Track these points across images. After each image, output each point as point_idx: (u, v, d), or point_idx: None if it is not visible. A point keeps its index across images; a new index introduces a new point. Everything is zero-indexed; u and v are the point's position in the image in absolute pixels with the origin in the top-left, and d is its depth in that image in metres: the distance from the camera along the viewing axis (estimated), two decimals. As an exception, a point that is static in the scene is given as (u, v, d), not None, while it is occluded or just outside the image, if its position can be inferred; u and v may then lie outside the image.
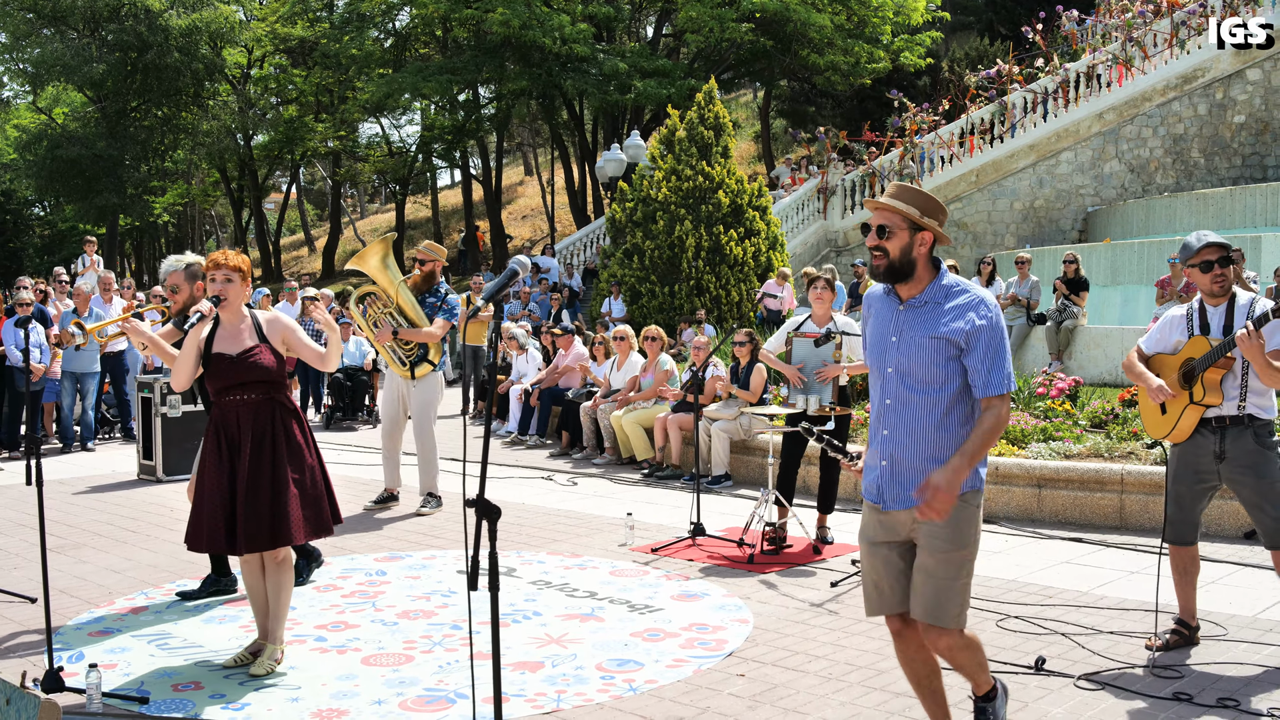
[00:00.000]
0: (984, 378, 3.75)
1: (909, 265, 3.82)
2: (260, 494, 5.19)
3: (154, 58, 33.39)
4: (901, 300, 3.88)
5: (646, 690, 4.99)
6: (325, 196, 62.08)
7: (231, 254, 5.47)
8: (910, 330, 3.83)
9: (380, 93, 33.63)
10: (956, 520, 3.77)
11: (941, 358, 3.78)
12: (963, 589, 3.81)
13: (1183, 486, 5.38)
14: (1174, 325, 5.45)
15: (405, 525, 8.82)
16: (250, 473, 5.20)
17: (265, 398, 5.31)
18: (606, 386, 12.27)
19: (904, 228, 3.80)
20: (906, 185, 3.87)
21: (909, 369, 3.81)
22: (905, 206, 3.81)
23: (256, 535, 5.18)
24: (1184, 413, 5.31)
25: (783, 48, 31.21)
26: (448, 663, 5.39)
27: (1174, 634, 5.43)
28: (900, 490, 3.84)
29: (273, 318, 5.47)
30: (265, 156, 42.70)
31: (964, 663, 3.96)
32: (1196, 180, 23.41)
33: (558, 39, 28.73)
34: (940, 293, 3.83)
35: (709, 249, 18.56)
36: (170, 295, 6.61)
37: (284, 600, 5.41)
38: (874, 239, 3.83)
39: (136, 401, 11.74)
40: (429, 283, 9.24)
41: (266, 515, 5.19)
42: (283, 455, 5.26)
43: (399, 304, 8.97)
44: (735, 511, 9.14)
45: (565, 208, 45.25)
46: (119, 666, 5.40)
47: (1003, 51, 30.61)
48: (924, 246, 3.81)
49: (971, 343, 3.75)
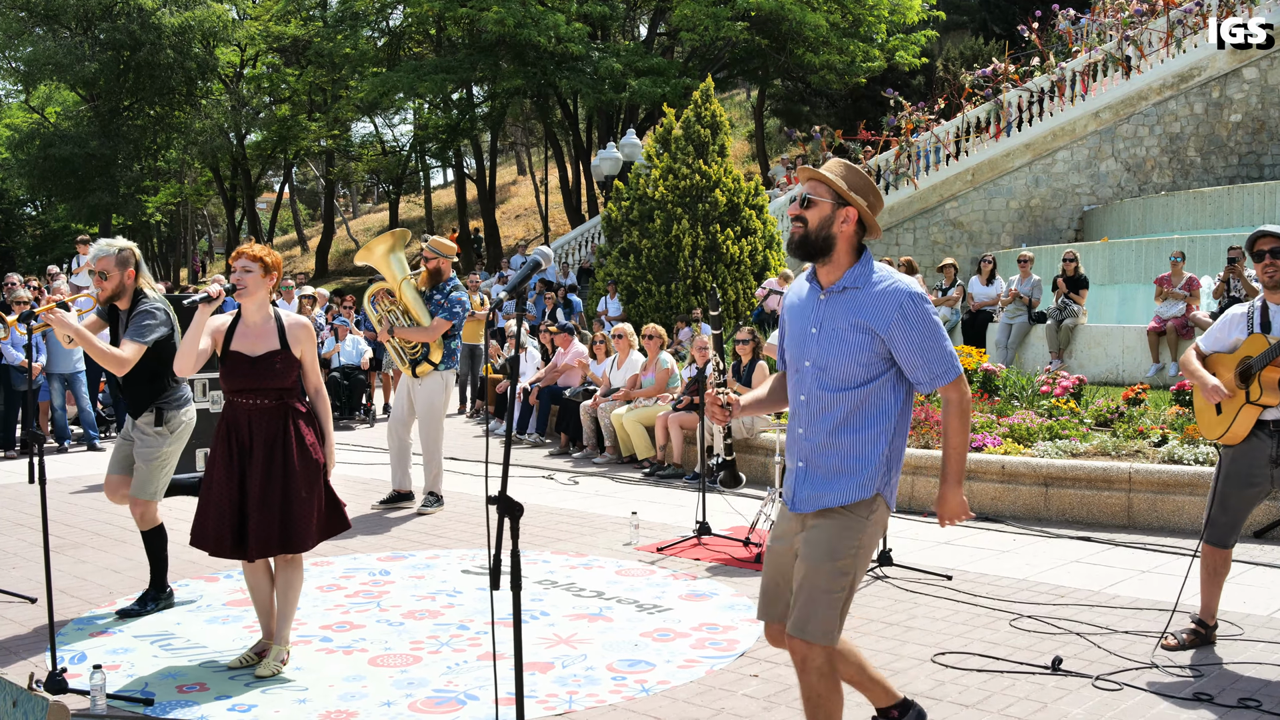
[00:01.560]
0: (926, 370, 3.53)
1: (826, 242, 3.57)
2: (271, 501, 5.10)
3: (147, 56, 33.26)
4: (822, 288, 3.64)
5: (659, 691, 4.92)
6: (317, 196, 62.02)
7: (257, 246, 5.39)
8: (831, 320, 3.58)
9: (375, 91, 33.55)
10: (834, 528, 3.54)
11: (864, 352, 3.53)
12: (835, 603, 3.51)
13: (1231, 489, 5.25)
14: (1234, 323, 5.28)
15: (407, 525, 8.73)
16: (261, 479, 5.11)
17: (278, 403, 5.22)
18: (606, 385, 12.20)
19: (827, 199, 3.57)
20: (847, 162, 3.66)
21: (827, 363, 3.57)
22: (832, 177, 3.58)
23: (268, 542, 5.11)
24: (1240, 413, 5.16)
25: (778, 46, 31.18)
26: (456, 663, 5.32)
27: (1191, 633, 5.36)
28: (813, 492, 3.60)
29: (298, 324, 5.35)
30: (258, 155, 42.58)
31: (818, 692, 3.60)
32: (1193, 179, 23.40)
33: (553, 38, 28.68)
34: (861, 278, 3.57)
35: (705, 248, 18.51)
36: (99, 281, 6.05)
37: (292, 600, 5.33)
38: (795, 208, 3.62)
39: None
40: (435, 280, 9.16)
41: (278, 522, 5.11)
42: (294, 461, 5.15)
43: (403, 301, 8.91)
44: (739, 510, 9.06)
45: (558, 207, 45.20)
46: (122, 667, 5.32)
47: (998, 50, 30.61)
48: (847, 224, 3.57)
49: (897, 337, 3.51)
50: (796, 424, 3.68)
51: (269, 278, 5.30)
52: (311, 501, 5.17)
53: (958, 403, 3.60)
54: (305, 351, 5.32)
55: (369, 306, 9.11)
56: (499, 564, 3.12)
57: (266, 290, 5.33)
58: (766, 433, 10.32)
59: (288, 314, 5.38)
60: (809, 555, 3.55)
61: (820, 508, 3.58)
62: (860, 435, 3.56)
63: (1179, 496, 8.00)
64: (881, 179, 24.59)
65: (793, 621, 3.55)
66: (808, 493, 3.62)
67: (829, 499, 3.57)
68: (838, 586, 3.52)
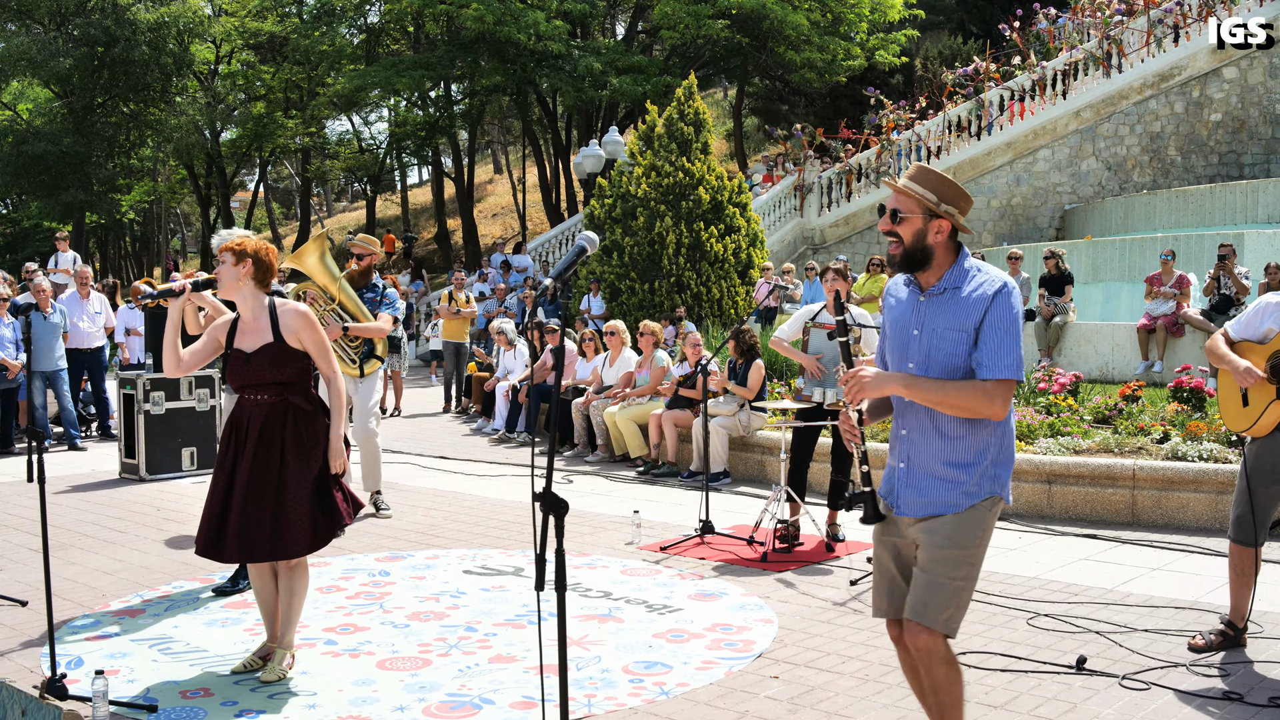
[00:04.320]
0: (989, 356, 3.44)
1: (924, 253, 3.54)
2: (263, 501, 4.89)
3: (121, 52, 32.77)
4: (922, 290, 3.60)
5: (679, 693, 4.80)
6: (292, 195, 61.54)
7: (239, 234, 5.15)
8: (932, 321, 3.55)
9: (352, 86, 33.24)
10: (961, 521, 3.50)
11: (964, 350, 3.49)
12: (956, 591, 3.48)
13: (1259, 485, 5.16)
14: (1267, 312, 5.18)
15: (395, 525, 8.58)
16: (250, 478, 4.91)
17: (278, 399, 5.00)
18: (599, 383, 12.07)
19: (917, 213, 3.52)
20: (926, 167, 3.59)
21: (930, 365, 3.53)
22: (921, 190, 3.51)
23: (253, 546, 4.90)
24: (1269, 407, 5.07)
25: (758, 45, 31.10)
26: (468, 666, 5.18)
27: (1220, 634, 5.26)
28: (915, 495, 3.57)
29: (294, 312, 5.05)
30: (233, 153, 42.16)
31: (940, 682, 3.57)
32: (1173, 178, 23.49)
33: (532, 35, 28.47)
34: (960, 277, 3.54)
35: (689, 245, 18.38)
36: None
37: (296, 605, 5.16)
38: (886, 223, 3.56)
39: (117, 399, 11.45)
40: (365, 278, 8.95)
41: (268, 525, 4.88)
42: (290, 462, 4.94)
43: (340, 300, 8.66)
44: (737, 509, 8.97)
45: (535, 206, 45.00)
46: (121, 673, 5.15)
47: (976, 49, 30.64)
48: (941, 234, 3.52)
49: (984, 322, 3.46)
50: (901, 425, 3.66)
51: (243, 266, 4.99)
52: (303, 506, 4.93)
53: (986, 392, 3.42)
54: (305, 339, 5.04)
55: None
56: (543, 564, 2.98)
57: (244, 281, 5.02)
58: (763, 430, 10.22)
59: (285, 304, 5.11)
60: (930, 543, 3.52)
61: (930, 514, 3.54)
62: (965, 439, 3.53)
63: (1183, 494, 7.95)
64: (863, 178, 24.59)
65: (911, 606, 3.53)
66: (913, 497, 3.58)
67: (939, 506, 3.53)
68: (960, 575, 3.50)
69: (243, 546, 4.90)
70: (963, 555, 3.50)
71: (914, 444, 3.60)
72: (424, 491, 9.92)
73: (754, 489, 9.87)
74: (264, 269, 5.06)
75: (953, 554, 3.49)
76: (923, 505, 3.55)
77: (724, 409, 10.19)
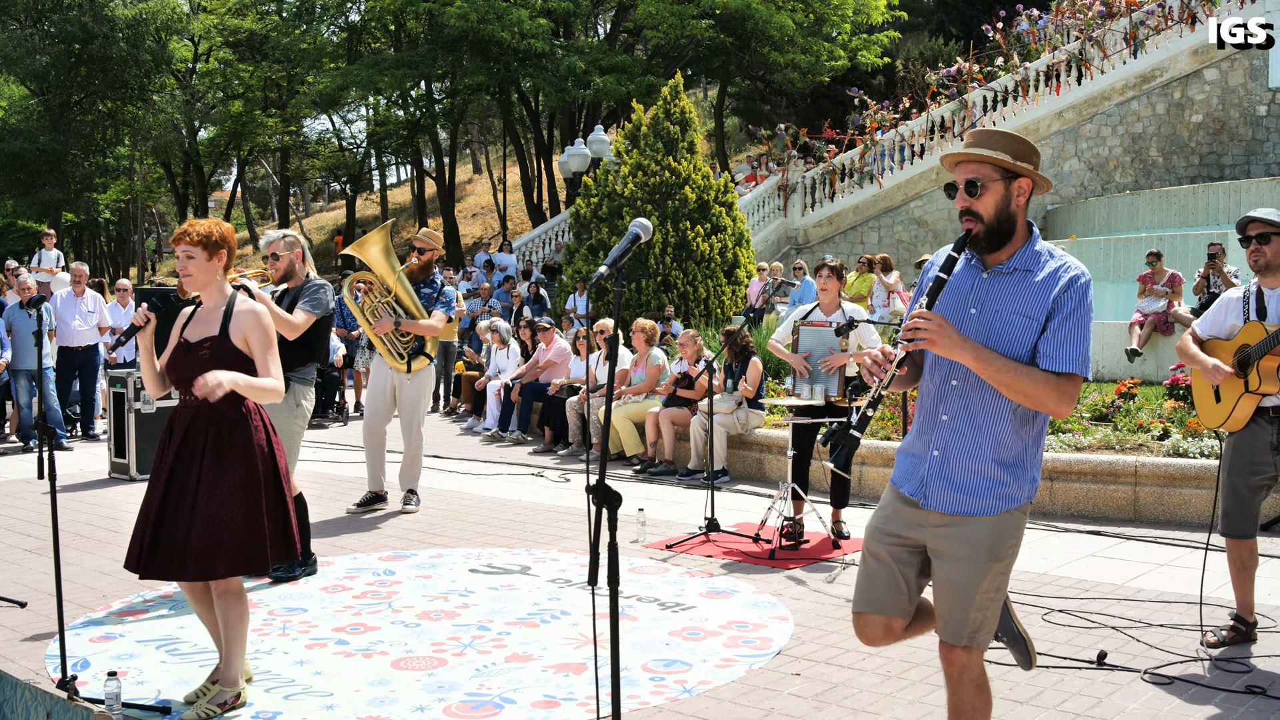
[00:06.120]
0: (1055, 347, 3.17)
1: (1009, 223, 3.24)
2: (179, 517, 4.43)
3: (99, 49, 32.48)
4: (985, 266, 3.32)
5: (702, 691, 4.76)
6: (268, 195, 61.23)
7: (202, 223, 4.63)
8: (995, 302, 3.25)
9: (334, 85, 33.06)
10: (996, 529, 3.28)
11: (1030, 338, 3.21)
12: (988, 604, 3.30)
13: (1238, 478, 5.20)
14: (1229, 309, 5.26)
15: (398, 523, 8.51)
16: (169, 490, 4.49)
17: (205, 402, 4.46)
18: (593, 381, 12.03)
19: (997, 178, 3.22)
20: (987, 129, 3.31)
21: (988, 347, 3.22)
22: (994, 153, 3.21)
23: (167, 564, 4.44)
24: (1240, 401, 5.13)
25: (742, 45, 31.12)
26: (484, 665, 5.12)
27: (1231, 630, 5.26)
28: (949, 490, 3.30)
29: (248, 310, 4.60)
30: (211, 152, 41.89)
31: (965, 706, 3.43)
32: (1155, 179, 23.61)
33: (516, 33, 28.40)
34: (1032, 259, 3.26)
35: (675, 245, 18.35)
36: (271, 263, 6.91)
37: (235, 638, 4.59)
38: (963, 200, 3.24)
39: (106, 399, 11.32)
40: (425, 273, 8.92)
41: (181, 543, 4.40)
42: (206, 475, 4.43)
43: (397, 294, 8.62)
44: (738, 506, 8.94)
45: (516, 205, 44.89)
46: (130, 674, 5.06)
47: (957, 50, 30.75)
48: (1022, 197, 3.24)
49: (1054, 309, 3.20)
50: (940, 410, 3.35)
51: (217, 258, 4.60)
52: (213, 525, 4.39)
53: (1059, 387, 3.18)
54: (251, 339, 4.57)
55: (349, 298, 8.74)
56: (597, 557, 2.93)
57: (215, 274, 4.62)
58: (761, 429, 10.19)
59: (245, 300, 4.67)
60: (968, 555, 3.29)
61: (963, 513, 3.31)
62: (1010, 435, 3.29)
63: (1185, 490, 7.97)
64: (846, 178, 24.62)
65: (950, 629, 3.34)
66: (946, 492, 3.32)
67: (976, 506, 3.30)
68: (995, 587, 3.32)
69: (159, 564, 4.49)
70: (999, 567, 3.30)
71: (956, 433, 3.32)
72: (421, 490, 9.82)
73: (753, 487, 9.83)
74: (232, 257, 4.72)
75: (990, 567, 3.28)
76: (956, 502, 3.30)
77: (722, 407, 10.15)
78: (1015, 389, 3.18)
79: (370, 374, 9.22)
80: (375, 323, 8.54)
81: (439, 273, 9.08)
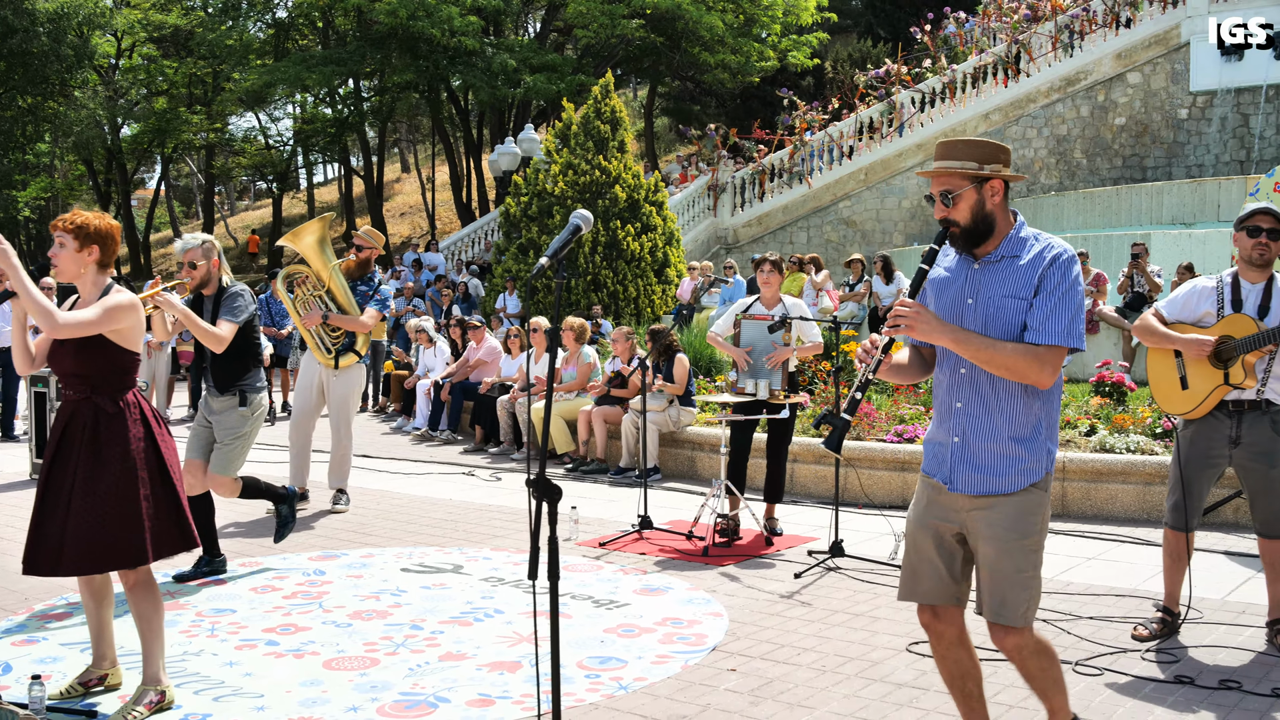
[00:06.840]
0: (1039, 321, 3.37)
1: (985, 223, 3.46)
2: (55, 512, 4.40)
3: (19, 44, 31.61)
4: (976, 258, 3.53)
5: (638, 688, 4.74)
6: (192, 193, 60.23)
7: (84, 214, 4.55)
8: (988, 290, 3.47)
9: (260, 82, 32.57)
10: (1020, 508, 3.46)
11: (1022, 318, 3.43)
12: (1028, 582, 3.47)
13: (1192, 470, 5.20)
14: (1202, 295, 5.19)
15: (328, 523, 8.39)
16: (47, 486, 4.44)
17: (83, 397, 4.45)
18: (524, 379, 11.95)
19: (968, 185, 3.44)
20: (951, 139, 3.53)
21: (988, 333, 3.44)
22: (960, 164, 3.45)
23: (44, 559, 4.41)
24: (1214, 392, 5.08)
25: (672, 45, 31.18)
26: (417, 665, 5.06)
27: (1160, 622, 5.33)
28: (972, 471, 3.50)
29: (117, 304, 4.45)
30: (134, 149, 41.10)
31: (1035, 671, 3.61)
32: (1079, 180, 24.01)
33: (446, 31, 28.20)
34: (1018, 245, 3.48)
35: (606, 244, 18.34)
36: (188, 271, 6.61)
37: (152, 631, 4.56)
38: (940, 210, 3.49)
39: (27, 398, 11.04)
40: (363, 270, 8.82)
41: (57, 537, 4.36)
42: (82, 470, 4.39)
43: (330, 288, 8.50)
44: (671, 504, 8.93)
45: (445, 205, 44.61)
46: (54, 678, 4.93)
47: (886, 52, 31.07)
48: (997, 196, 3.46)
49: (1039, 286, 3.40)
50: (954, 398, 3.56)
51: (88, 251, 4.50)
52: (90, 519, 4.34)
53: (1037, 356, 3.36)
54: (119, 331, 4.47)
55: (282, 291, 8.61)
56: (538, 552, 2.89)
57: (83, 266, 4.52)
58: (693, 426, 10.20)
59: (120, 293, 4.52)
60: (997, 536, 3.47)
61: (988, 492, 3.48)
62: (1021, 412, 3.46)
63: (1112, 485, 8.10)
64: (775, 178, 24.75)
65: (989, 608, 3.51)
66: (970, 474, 3.51)
67: (999, 484, 3.47)
68: (1029, 564, 3.48)
69: (38, 559, 4.43)
70: (1028, 545, 3.48)
71: (971, 417, 3.52)
72: (350, 489, 9.69)
73: (685, 484, 9.83)
74: (109, 252, 4.58)
75: (1019, 545, 3.46)
76: (980, 482, 3.49)
77: (654, 405, 10.14)
78: (996, 364, 3.40)
79: (299, 371, 9.06)
80: (304, 315, 8.42)
81: (377, 271, 8.97)
